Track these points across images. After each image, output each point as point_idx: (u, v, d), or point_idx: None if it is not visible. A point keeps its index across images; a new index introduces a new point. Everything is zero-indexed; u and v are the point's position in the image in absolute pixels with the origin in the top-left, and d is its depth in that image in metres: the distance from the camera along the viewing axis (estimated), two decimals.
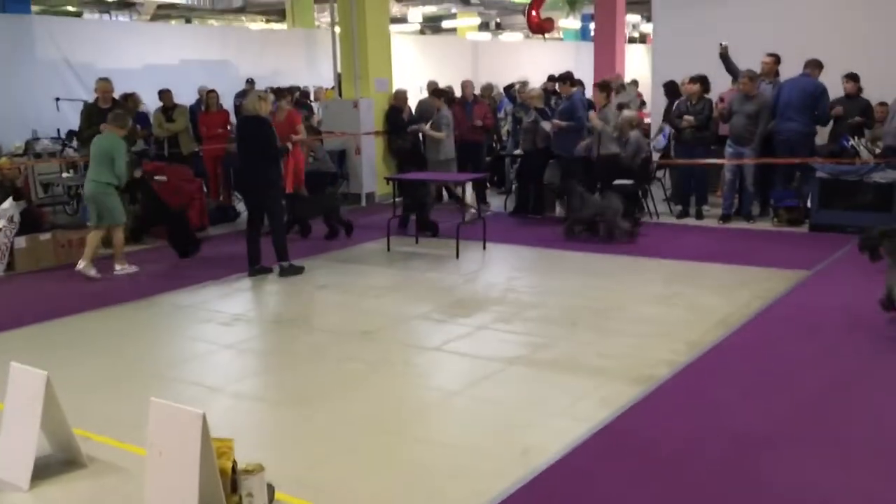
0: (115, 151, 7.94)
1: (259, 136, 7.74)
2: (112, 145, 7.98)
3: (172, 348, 6.03)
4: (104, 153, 7.94)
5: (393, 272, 8.16)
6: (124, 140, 8.21)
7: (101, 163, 7.94)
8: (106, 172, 7.92)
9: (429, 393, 4.95)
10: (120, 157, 7.96)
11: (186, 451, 3.27)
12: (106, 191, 7.98)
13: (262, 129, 7.77)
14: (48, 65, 14.90)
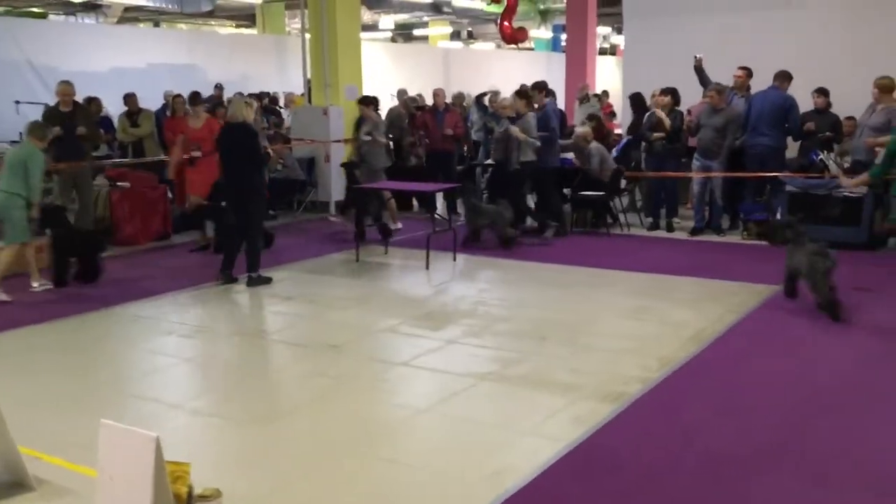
0: (31, 162, 7.44)
1: (246, 142, 7.71)
2: (28, 156, 7.48)
3: (131, 362, 5.82)
4: (18, 163, 7.43)
5: (361, 283, 8.01)
6: (43, 153, 7.69)
7: (14, 173, 7.41)
8: (18, 183, 7.40)
9: (397, 410, 4.81)
10: (35, 168, 7.45)
11: (139, 475, 3.09)
12: (14, 203, 7.40)
13: (248, 136, 7.77)
14: (10, 66, 14.57)
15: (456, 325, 6.47)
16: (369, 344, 6.08)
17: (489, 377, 5.28)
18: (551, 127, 10.02)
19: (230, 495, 3.47)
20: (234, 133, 7.78)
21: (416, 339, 6.14)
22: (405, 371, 5.48)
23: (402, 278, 8.19)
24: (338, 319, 6.73)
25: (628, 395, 4.91)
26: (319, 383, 5.25)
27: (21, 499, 3.72)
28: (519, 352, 5.78)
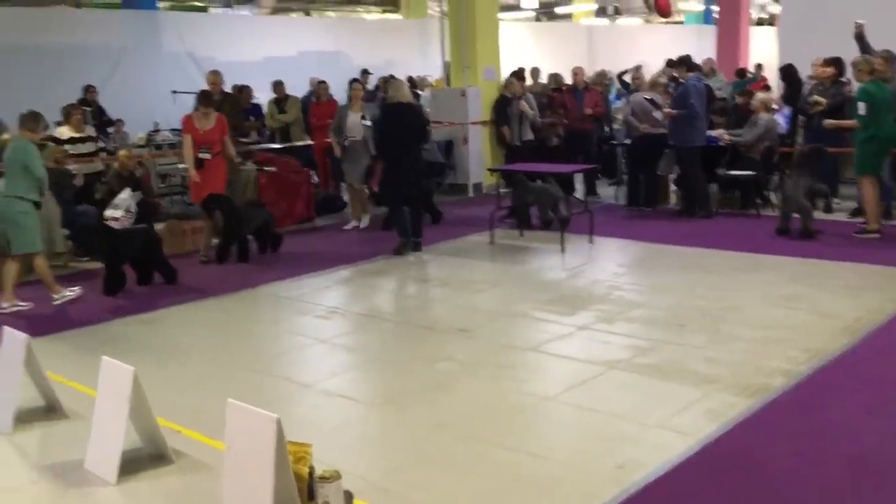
0: (29, 157, 6.69)
1: (414, 121, 8.31)
2: (23, 151, 6.72)
3: (268, 341, 6.04)
4: (15, 163, 6.72)
5: (495, 266, 7.96)
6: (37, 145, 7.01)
7: (13, 174, 6.73)
8: (19, 184, 6.69)
9: (522, 397, 4.72)
10: (35, 163, 6.72)
11: (261, 454, 3.18)
12: (17, 207, 6.67)
13: (415, 115, 8.41)
14: (172, 58, 15.51)
15: (588, 310, 6.30)
16: (499, 328, 6.02)
17: (619, 365, 5.09)
18: (689, 103, 9.53)
19: (352, 475, 3.51)
20: (401, 112, 8.26)
21: (546, 324, 6.03)
22: (534, 357, 5.38)
23: (536, 261, 8.07)
24: (469, 302, 6.71)
25: (771, 389, 4.60)
26: (447, 367, 5.24)
27: (161, 471, 3.93)
28: (653, 340, 5.54)
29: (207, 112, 8.41)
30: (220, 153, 8.45)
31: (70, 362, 5.46)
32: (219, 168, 8.49)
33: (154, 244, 7.61)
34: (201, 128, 8.36)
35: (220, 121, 8.49)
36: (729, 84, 13.59)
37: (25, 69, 13.20)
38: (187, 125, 8.46)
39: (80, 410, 4.62)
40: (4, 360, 4.56)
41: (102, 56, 14.44)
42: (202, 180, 8.32)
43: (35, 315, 6.69)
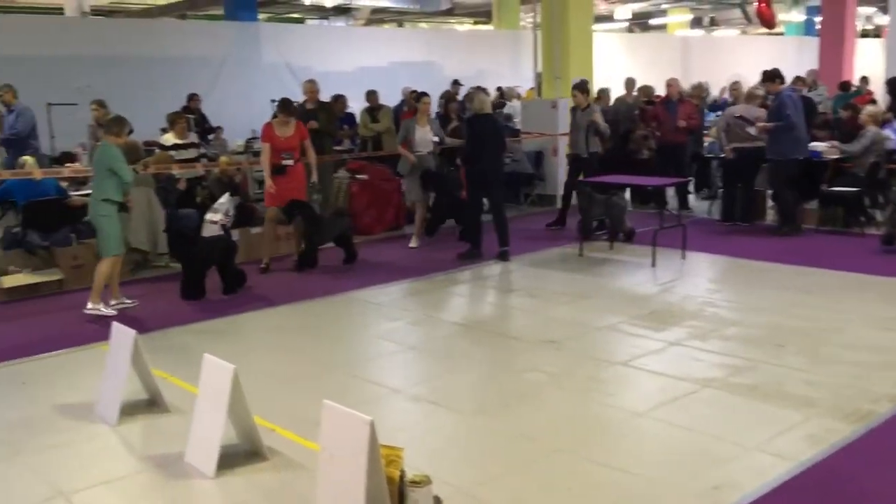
0: (115, 161, 6.80)
1: (496, 131, 8.72)
2: (110, 156, 6.83)
3: (358, 345, 6.14)
4: (100, 166, 6.88)
5: (584, 278, 7.88)
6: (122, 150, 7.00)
7: (99, 178, 6.90)
8: (105, 188, 6.83)
9: (613, 412, 4.66)
10: (122, 165, 6.83)
11: (355, 455, 3.24)
12: (101, 210, 6.83)
13: (496, 126, 8.80)
14: (271, 68, 15.99)
15: (680, 326, 6.17)
16: (588, 341, 5.95)
17: (713, 384, 4.97)
18: (785, 115, 9.23)
19: (441, 482, 3.53)
20: (485, 122, 8.60)
21: (636, 338, 5.93)
22: (624, 371, 5.30)
23: (625, 275, 7.95)
24: (558, 314, 6.67)
25: (876, 414, 4.41)
26: (535, 378, 5.22)
27: (256, 467, 4.04)
28: (748, 359, 5.38)
29: (287, 120, 8.46)
30: (300, 159, 8.54)
31: (169, 359, 5.67)
32: (299, 174, 8.56)
33: (230, 252, 7.66)
34: (282, 135, 8.43)
35: (298, 127, 8.57)
36: (830, 98, 13.12)
37: (134, 78, 13.83)
38: (267, 133, 8.51)
39: (180, 405, 4.81)
40: (113, 354, 4.77)
41: (205, 66, 15.01)
42: (284, 186, 8.33)
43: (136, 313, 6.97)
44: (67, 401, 5.02)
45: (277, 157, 8.34)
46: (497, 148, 8.68)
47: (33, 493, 3.86)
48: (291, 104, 8.62)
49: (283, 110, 8.49)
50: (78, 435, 4.52)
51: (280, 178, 8.33)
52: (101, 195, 6.85)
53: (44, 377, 5.53)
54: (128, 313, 6.88)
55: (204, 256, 7.43)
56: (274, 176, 8.33)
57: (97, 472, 4.06)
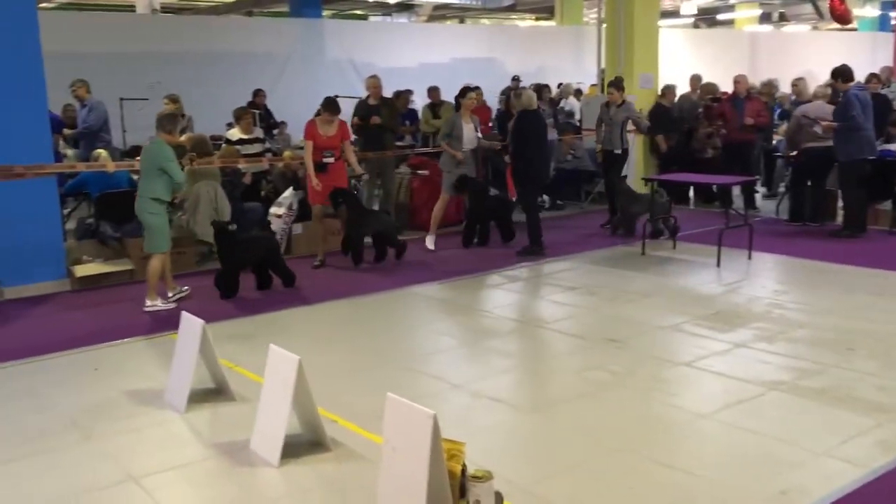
0: (164, 161, 6.73)
1: (543, 128, 8.99)
2: (159, 155, 6.77)
3: (419, 340, 6.18)
4: (149, 164, 6.82)
5: (646, 277, 7.78)
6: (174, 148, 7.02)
7: (147, 175, 6.83)
8: (154, 186, 6.76)
9: (675, 412, 4.59)
10: (172, 164, 6.76)
11: (417, 448, 3.26)
12: (149, 208, 6.78)
13: (540, 123, 8.91)
14: (334, 64, 16.19)
15: (746, 327, 6.04)
16: (651, 341, 5.88)
17: (781, 387, 4.86)
18: (850, 115, 8.94)
19: (500, 479, 3.53)
20: (532, 119, 8.73)
21: (701, 339, 5.83)
22: (687, 372, 5.22)
23: (689, 274, 7.82)
24: (619, 313, 6.60)
25: None
26: (597, 377, 5.18)
27: (319, 457, 4.10)
28: (818, 362, 5.25)
29: (331, 119, 8.33)
30: (340, 157, 8.43)
31: (234, 348, 5.79)
32: (341, 171, 8.52)
33: (274, 251, 7.66)
34: (324, 133, 8.31)
35: (342, 127, 8.48)
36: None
37: (201, 74, 14.14)
38: (309, 130, 8.38)
39: (245, 394, 4.91)
40: (182, 343, 4.90)
41: (270, 62, 15.26)
42: (326, 184, 8.26)
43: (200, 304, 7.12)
44: (137, 387, 5.17)
45: (318, 155, 8.27)
46: (542, 144, 8.87)
47: (105, 476, 3.98)
48: (336, 103, 8.43)
49: (326, 109, 8.37)
50: (148, 421, 4.66)
51: (322, 176, 8.26)
52: (149, 193, 6.77)
53: (115, 364, 5.70)
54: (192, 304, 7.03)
55: (243, 254, 7.37)
56: (317, 173, 8.26)
57: (166, 458, 4.17)
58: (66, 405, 4.91)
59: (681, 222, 9.35)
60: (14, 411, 4.85)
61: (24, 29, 7.42)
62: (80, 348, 6.02)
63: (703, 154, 11.43)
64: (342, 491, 3.77)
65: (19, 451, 4.28)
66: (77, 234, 8.74)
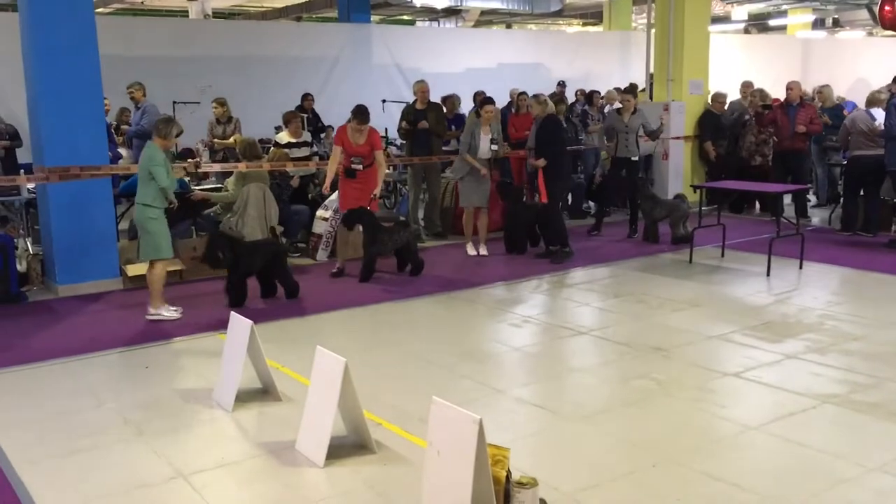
0: (152, 164, 6.58)
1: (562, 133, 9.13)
2: (149, 159, 6.63)
3: (463, 345, 6.17)
4: (142, 169, 6.70)
5: (693, 286, 7.67)
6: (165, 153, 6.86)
7: (141, 181, 6.73)
8: (147, 191, 6.65)
9: (723, 424, 4.52)
10: (159, 169, 6.57)
11: (462, 453, 3.26)
12: (147, 213, 6.66)
13: (556, 127, 9.04)
14: (381, 69, 16.28)
15: (797, 338, 5.93)
16: (698, 350, 5.80)
17: (833, 400, 4.75)
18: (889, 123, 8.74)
19: (544, 486, 3.51)
20: (556, 124, 9.02)
21: (750, 349, 5.74)
22: (735, 383, 5.13)
23: (738, 284, 7.70)
24: (666, 321, 6.52)
25: None
26: (641, 385, 5.12)
27: (363, 459, 4.12)
28: (873, 376, 5.12)
29: (360, 128, 7.99)
30: (370, 165, 8.10)
31: (280, 349, 5.85)
32: (368, 181, 8.12)
33: (280, 257, 7.40)
34: (354, 141, 8.04)
35: (372, 136, 8.13)
36: None
37: (251, 78, 14.36)
38: (339, 136, 8.16)
39: (291, 394, 4.96)
40: (230, 343, 4.97)
41: (318, 66, 15.42)
42: (355, 190, 8.06)
43: (248, 304, 7.21)
44: (186, 386, 5.26)
45: (348, 161, 8.07)
46: (565, 149, 9.10)
47: (155, 472, 4.05)
48: (366, 112, 8.09)
49: (356, 117, 8.05)
50: (196, 419, 4.73)
51: (351, 182, 8.09)
52: (143, 199, 6.66)
53: (164, 362, 5.81)
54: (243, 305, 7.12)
55: (248, 262, 7.17)
56: (346, 179, 8.10)
57: (214, 455, 4.24)
58: (118, 402, 5.01)
59: (730, 231, 9.21)
60: (69, 407, 4.97)
61: (82, 33, 7.60)
62: (130, 346, 6.15)
63: (753, 162, 11.25)
64: (386, 493, 3.78)
65: (74, 446, 4.38)
66: (129, 234, 8.92)
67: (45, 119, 7.51)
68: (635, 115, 9.94)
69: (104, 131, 8.18)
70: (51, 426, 4.66)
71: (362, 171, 8.09)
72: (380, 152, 8.24)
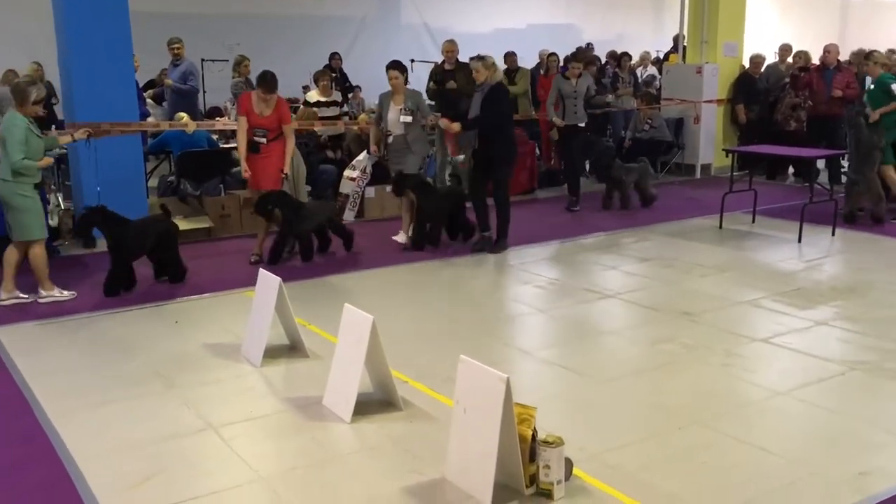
0: (7, 133, 5.81)
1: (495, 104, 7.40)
2: (4, 128, 5.88)
3: (490, 306, 6.17)
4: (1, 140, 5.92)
5: (723, 251, 7.60)
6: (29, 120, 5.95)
7: (2, 154, 5.94)
8: (5, 165, 5.89)
9: (751, 388, 4.50)
10: (11, 139, 5.78)
11: (489, 412, 3.27)
12: (10, 190, 5.89)
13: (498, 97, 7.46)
14: (409, 29, 16.13)
15: (828, 305, 5.86)
16: (726, 315, 5.75)
17: (863, 367, 4.70)
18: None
19: (570, 446, 3.52)
20: (504, 94, 7.61)
21: (779, 315, 5.68)
22: (764, 348, 5.10)
23: (769, 250, 7.60)
24: (694, 286, 6.47)
25: None
26: (669, 349, 5.10)
27: (389, 416, 4.16)
28: None
29: (267, 97, 7.11)
30: (276, 139, 7.20)
31: (307, 307, 5.89)
32: (273, 156, 7.19)
33: (169, 238, 6.67)
34: (259, 112, 7.15)
35: (280, 107, 7.23)
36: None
37: (279, 36, 14.29)
38: (243, 105, 7.25)
39: (318, 351, 5.01)
40: (259, 300, 5.00)
41: (346, 25, 15.31)
42: (259, 168, 7.17)
43: (281, 267, 7.26)
44: (215, 340, 5.32)
45: (250, 134, 7.14)
46: (508, 125, 7.63)
47: (186, 424, 4.12)
48: (271, 80, 7.12)
49: (261, 85, 7.13)
50: (225, 373, 4.79)
51: (255, 158, 7.16)
52: (4, 174, 5.89)
53: (194, 318, 5.88)
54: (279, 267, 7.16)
55: (134, 242, 6.41)
56: (249, 154, 7.14)
57: (243, 409, 4.29)
58: (149, 355, 5.09)
59: (762, 196, 9.08)
60: (103, 359, 5.06)
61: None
62: (160, 302, 6.22)
63: (787, 126, 11.05)
64: (412, 449, 3.82)
65: (108, 397, 4.46)
66: (159, 190, 9.00)
67: (76, 76, 7.54)
68: (581, 80, 9.47)
69: (134, 88, 8.20)
70: (84, 377, 4.75)
71: (266, 145, 7.16)
72: (289, 126, 7.33)
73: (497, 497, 3.28)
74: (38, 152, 5.98)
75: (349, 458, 3.78)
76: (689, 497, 3.37)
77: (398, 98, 7.83)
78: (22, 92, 5.92)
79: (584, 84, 9.42)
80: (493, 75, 7.44)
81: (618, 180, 9.47)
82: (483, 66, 7.42)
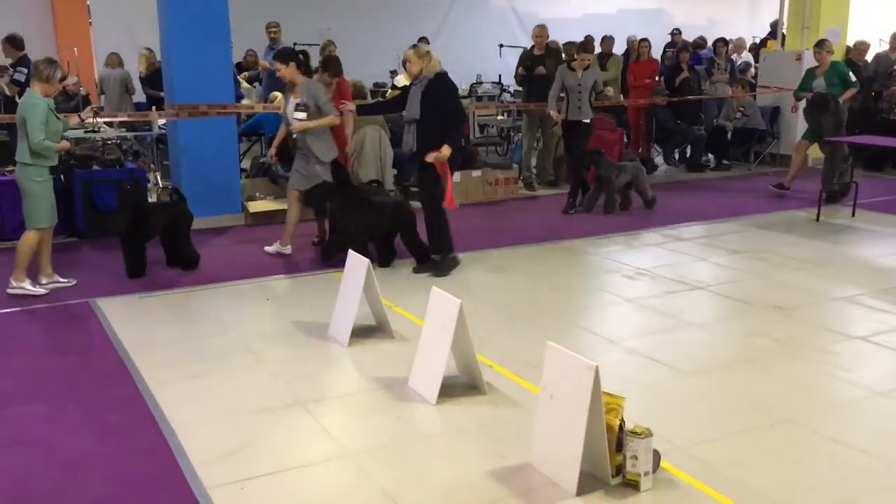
0: (27, 114, 5.57)
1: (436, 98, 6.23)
2: (24, 108, 5.65)
3: (576, 294, 6.12)
4: (20, 120, 5.69)
5: (820, 245, 7.33)
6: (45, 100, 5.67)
7: (21, 133, 5.70)
8: (24, 148, 5.66)
9: (848, 388, 4.34)
10: (32, 119, 5.55)
11: (577, 399, 3.26)
12: (24, 174, 5.70)
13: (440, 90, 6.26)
14: (498, 14, 16.08)
15: None
16: (822, 311, 5.56)
17: None
18: None
19: (658, 438, 3.46)
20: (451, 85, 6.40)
21: (879, 313, 5.46)
22: (862, 346, 4.90)
23: (869, 244, 7.30)
24: (788, 280, 6.27)
25: None
26: (761, 343, 4.96)
27: (474, 399, 4.18)
28: None
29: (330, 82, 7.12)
30: None
31: (393, 289, 5.95)
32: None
33: (182, 222, 6.52)
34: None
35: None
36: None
37: (368, 20, 14.44)
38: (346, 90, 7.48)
39: (404, 333, 5.06)
40: (347, 281, 5.09)
41: (434, 9, 15.35)
42: None
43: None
44: (304, 319, 5.44)
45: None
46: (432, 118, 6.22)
47: (275, 398, 4.24)
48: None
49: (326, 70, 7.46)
50: (313, 351, 4.90)
51: None
52: (20, 157, 5.69)
53: (284, 296, 6.03)
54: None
55: (146, 225, 6.30)
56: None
57: (330, 387, 4.39)
58: (240, 330, 5.24)
59: (863, 189, 8.71)
60: (197, 332, 5.24)
61: None
62: (252, 279, 6.40)
63: (891, 115, 10.56)
64: (496, 434, 3.83)
65: (201, 368, 4.62)
66: (251, 171, 9.22)
67: (176, 58, 7.78)
68: (588, 72, 8.65)
69: (231, 71, 8.42)
70: (180, 349, 4.94)
71: None
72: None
73: (582, 485, 3.27)
74: (56, 134, 5.77)
75: (434, 439, 3.82)
76: (780, 495, 3.28)
77: (297, 91, 6.75)
78: (45, 69, 5.65)
79: (591, 77, 8.61)
80: (429, 66, 6.25)
81: (606, 179, 8.51)
82: (416, 54, 6.31)
